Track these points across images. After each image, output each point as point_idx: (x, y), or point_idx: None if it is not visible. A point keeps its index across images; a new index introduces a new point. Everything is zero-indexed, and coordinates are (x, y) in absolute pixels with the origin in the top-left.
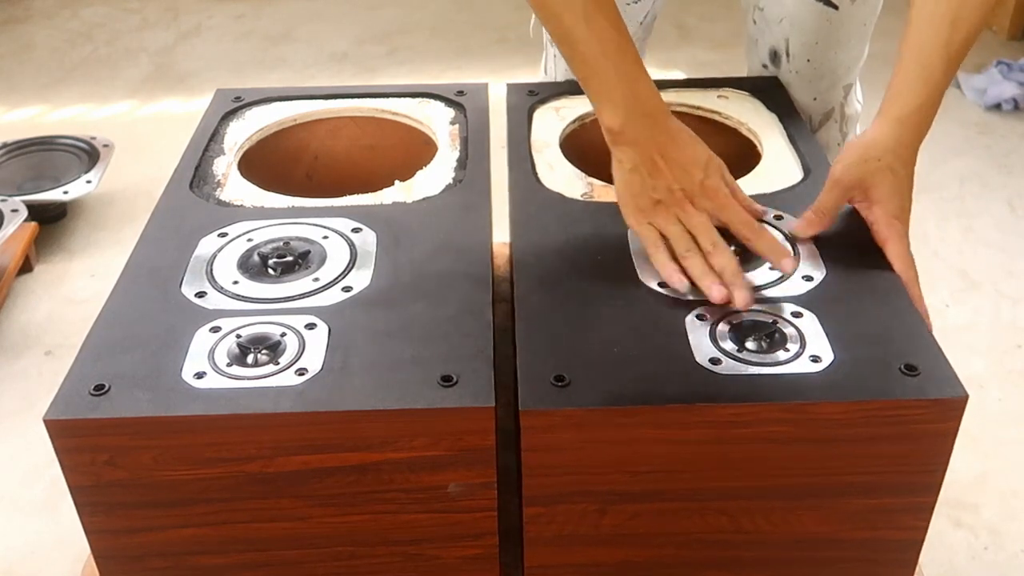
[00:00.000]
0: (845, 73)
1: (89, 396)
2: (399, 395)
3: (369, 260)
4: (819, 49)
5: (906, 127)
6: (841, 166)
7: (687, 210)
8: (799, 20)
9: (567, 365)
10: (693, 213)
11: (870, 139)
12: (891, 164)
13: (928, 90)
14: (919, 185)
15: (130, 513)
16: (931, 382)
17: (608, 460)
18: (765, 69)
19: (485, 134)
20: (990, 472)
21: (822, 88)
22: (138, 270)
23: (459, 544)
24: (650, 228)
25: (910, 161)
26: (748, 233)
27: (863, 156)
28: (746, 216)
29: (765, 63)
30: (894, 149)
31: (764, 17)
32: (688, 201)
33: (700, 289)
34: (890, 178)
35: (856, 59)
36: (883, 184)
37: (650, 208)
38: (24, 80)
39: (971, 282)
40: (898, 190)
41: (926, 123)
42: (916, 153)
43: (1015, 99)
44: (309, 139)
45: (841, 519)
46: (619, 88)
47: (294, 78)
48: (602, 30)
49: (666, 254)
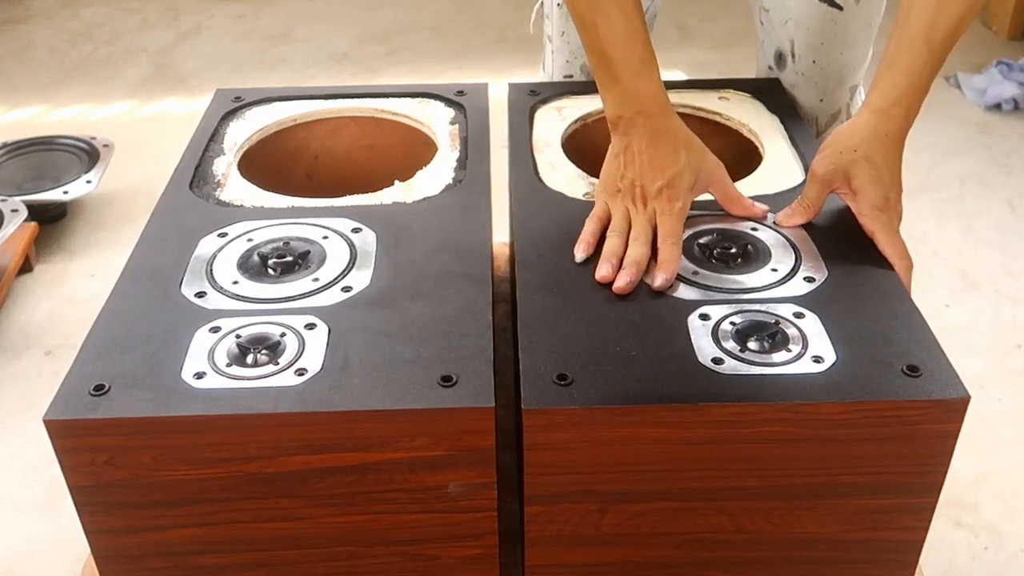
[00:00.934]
0: (851, 74)
1: (89, 396)
2: (399, 395)
3: (369, 260)
4: (824, 50)
5: (885, 116)
6: (819, 157)
7: (637, 206)
8: (804, 22)
9: (569, 364)
10: (640, 210)
11: (848, 129)
12: (868, 154)
13: (910, 79)
14: (919, 185)
15: (130, 513)
16: (933, 383)
17: (610, 459)
18: (771, 71)
19: (485, 134)
20: (990, 472)
21: (828, 89)
22: (138, 270)
23: (459, 544)
24: (604, 205)
25: (892, 150)
26: (662, 243)
27: (840, 147)
28: (674, 231)
29: (771, 65)
30: (871, 139)
31: (770, 19)
32: (641, 199)
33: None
34: (867, 168)
35: (861, 60)
36: (861, 174)
37: (613, 192)
38: (24, 80)
39: (971, 282)
40: (878, 179)
41: (909, 112)
42: (900, 142)
43: (1015, 99)
44: (309, 139)
45: (842, 519)
46: (621, 82)
47: (294, 78)
48: (612, 22)
49: (596, 227)
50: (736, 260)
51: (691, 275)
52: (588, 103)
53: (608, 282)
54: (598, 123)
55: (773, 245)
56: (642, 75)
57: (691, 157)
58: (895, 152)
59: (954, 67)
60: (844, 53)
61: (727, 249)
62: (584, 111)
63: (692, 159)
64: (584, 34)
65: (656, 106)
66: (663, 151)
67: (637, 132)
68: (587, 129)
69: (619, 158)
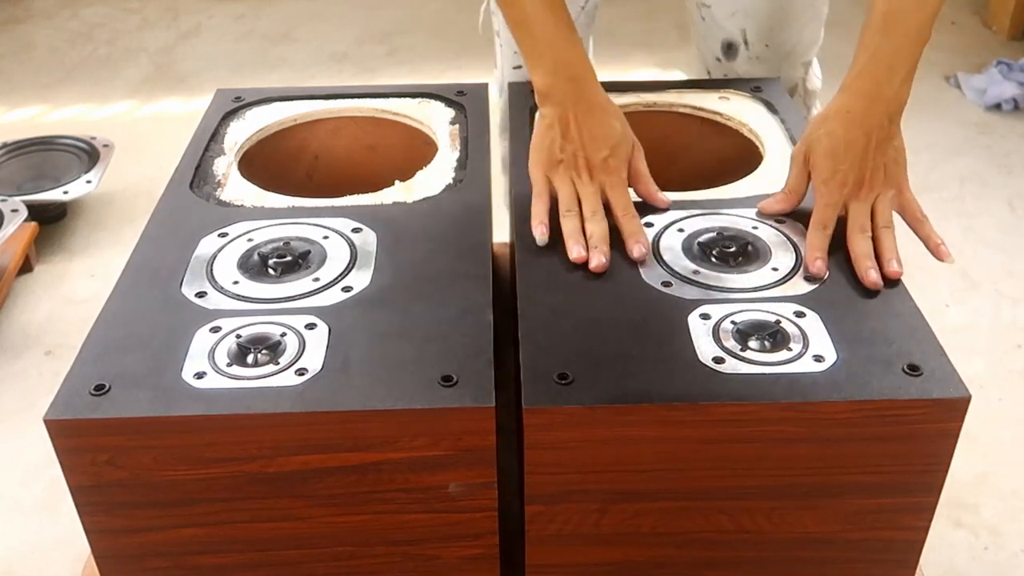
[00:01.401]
0: (804, 51)
1: (89, 396)
2: (399, 395)
3: (369, 260)
4: (775, 32)
5: (848, 93)
6: (797, 143)
7: (583, 178)
8: (752, 10)
9: (570, 363)
10: (587, 182)
11: (821, 112)
12: (830, 129)
13: (868, 52)
14: (919, 185)
15: (130, 513)
16: (934, 382)
17: (610, 458)
18: (719, 62)
19: (485, 134)
20: (990, 472)
21: (784, 68)
22: (138, 270)
23: (459, 544)
24: (545, 180)
25: (853, 126)
26: (619, 214)
27: (810, 128)
28: (626, 201)
29: (719, 56)
30: (834, 115)
31: (712, 14)
32: (587, 170)
33: (566, 247)
34: (825, 142)
35: (813, 37)
36: (818, 148)
37: (553, 164)
38: (24, 80)
39: (971, 282)
40: (831, 152)
41: (874, 88)
42: (866, 120)
43: (1015, 99)
44: (309, 139)
45: (842, 519)
46: (548, 51)
47: (294, 78)
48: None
49: (546, 205)
50: (736, 259)
51: (691, 274)
52: None
53: (584, 262)
54: None
55: (774, 244)
56: (572, 43)
57: (624, 128)
58: (856, 128)
59: (954, 67)
60: (795, 32)
61: (727, 248)
62: None
63: (625, 130)
64: (507, 10)
65: (587, 71)
66: (601, 120)
67: (571, 101)
68: None
69: (554, 128)
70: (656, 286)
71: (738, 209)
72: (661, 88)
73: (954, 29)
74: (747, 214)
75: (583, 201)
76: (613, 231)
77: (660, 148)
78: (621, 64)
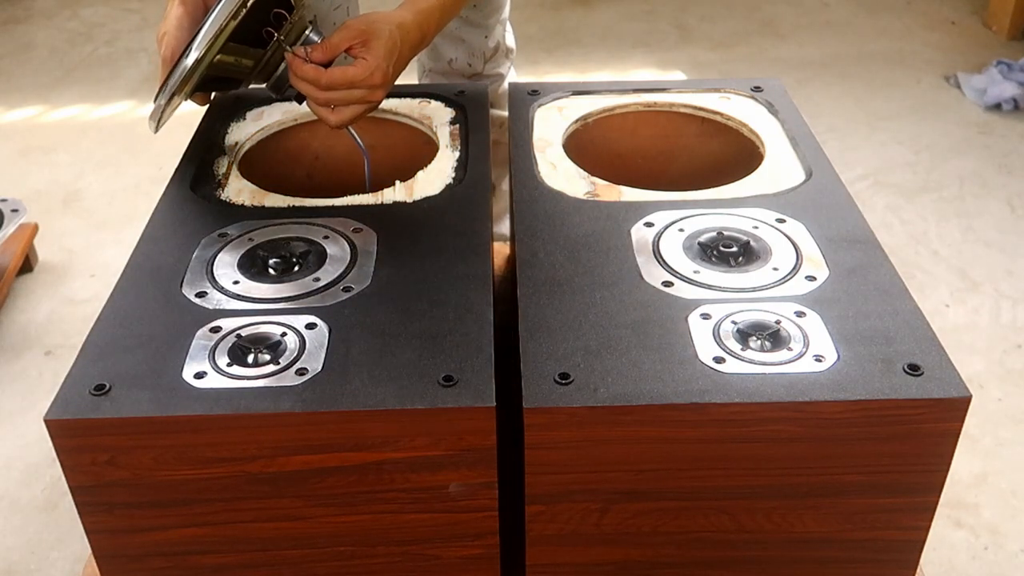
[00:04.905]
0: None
1: (90, 396)
2: (399, 395)
3: (369, 260)
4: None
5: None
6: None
7: None
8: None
9: (570, 363)
10: None
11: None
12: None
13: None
14: (919, 185)
15: (130, 513)
16: (934, 382)
17: (611, 458)
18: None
19: (485, 134)
20: (990, 472)
21: (490, 25)
22: (139, 270)
23: (460, 544)
24: None
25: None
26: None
27: (373, 18)
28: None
29: None
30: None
31: None
32: None
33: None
34: (387, 40)
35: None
36: (380, 39)
37: None
38: (24, 80)
39: (971, 282)
40: (391, 50)
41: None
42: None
43: (1015, 99)
44: (310, 139)
45: (843, 519)
46: None
47: None
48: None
49: None
50: (737, 259)
51: (692, 274)
52: (588, 103)
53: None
54: (599, 123)
55: (774, 244)
56: None
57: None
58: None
59: (954, 67)
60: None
61: (728, 248)
62: (584, 111)
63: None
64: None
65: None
66: None
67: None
68: (588, 129)
69: None
70: (656, 286)
71: (738, 209)
72: (661, 88)
73: (954, 29)
74: (747, 214)
75: None
76: None
77: (660, 148)
78: (621, 64)
